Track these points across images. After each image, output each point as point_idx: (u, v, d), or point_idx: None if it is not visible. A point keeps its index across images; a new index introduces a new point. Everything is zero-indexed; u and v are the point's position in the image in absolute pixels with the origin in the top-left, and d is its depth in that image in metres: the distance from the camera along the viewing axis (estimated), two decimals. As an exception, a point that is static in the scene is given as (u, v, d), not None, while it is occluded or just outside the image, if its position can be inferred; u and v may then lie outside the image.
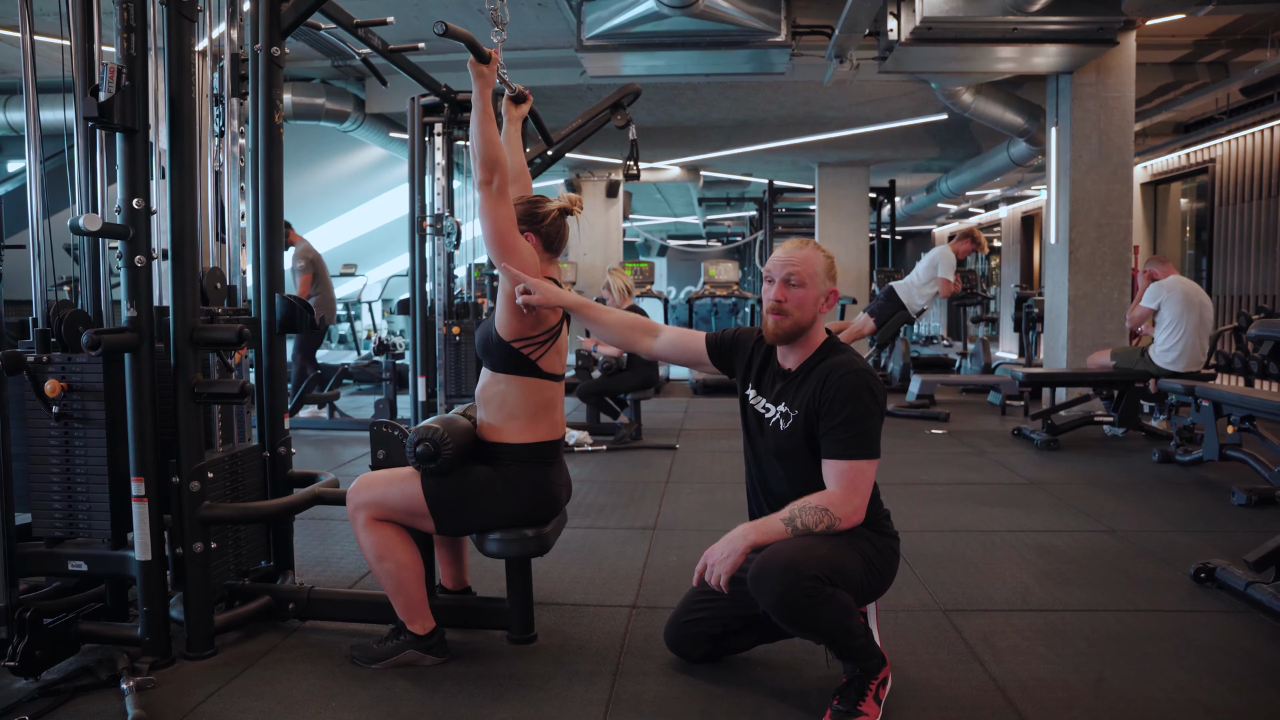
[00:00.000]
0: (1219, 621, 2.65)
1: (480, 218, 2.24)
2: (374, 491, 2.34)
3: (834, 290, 2.18)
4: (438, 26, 2.17)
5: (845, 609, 1.96)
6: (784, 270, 2.13)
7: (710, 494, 4.42)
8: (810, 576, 1.89)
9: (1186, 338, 5.43)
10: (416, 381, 5.22)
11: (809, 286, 2.12)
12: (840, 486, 2.04)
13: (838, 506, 2.02)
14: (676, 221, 18.85)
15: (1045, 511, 4.00)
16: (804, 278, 2.12)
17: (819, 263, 2.15)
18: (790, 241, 2.21)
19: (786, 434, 2.13)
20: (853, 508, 2.04)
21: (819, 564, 1.92)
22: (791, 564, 1.91)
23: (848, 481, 2.04)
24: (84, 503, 2.37)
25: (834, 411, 2.05)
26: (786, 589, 1.90)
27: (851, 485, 2.04)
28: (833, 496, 2.03)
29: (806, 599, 1.90)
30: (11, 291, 6.09)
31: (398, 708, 2.14)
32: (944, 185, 11.65)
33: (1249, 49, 6.72)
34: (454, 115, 5.21)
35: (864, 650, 2.02)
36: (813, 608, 1.91)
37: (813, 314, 2.14)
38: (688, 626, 2.33)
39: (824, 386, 2.07)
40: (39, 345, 2.40)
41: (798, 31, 5.84)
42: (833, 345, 2.18)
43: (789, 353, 2.20)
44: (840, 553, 1.99)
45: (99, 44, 2.50)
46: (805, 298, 2.12)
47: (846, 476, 2.04)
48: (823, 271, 2.15)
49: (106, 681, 2.21)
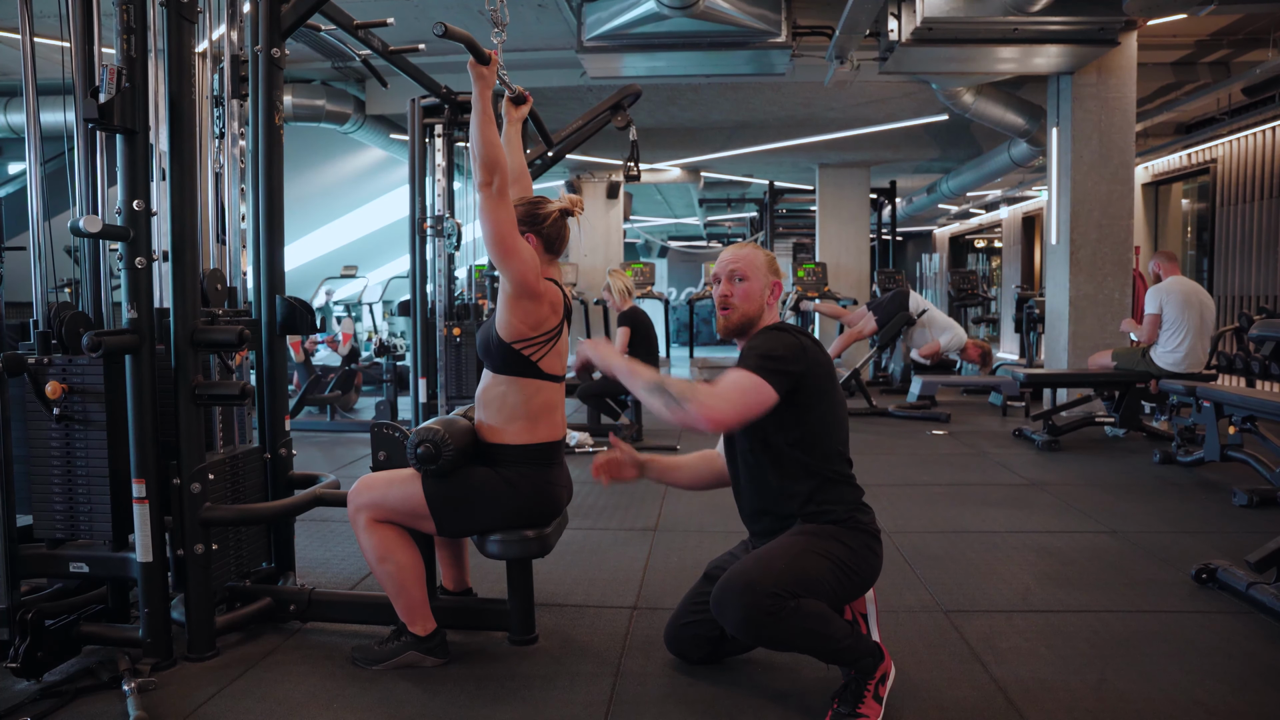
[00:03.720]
0: (1220, 622, 2.65)
1: (480, 219, 2.24)
2: (375, 493, 2.34)
3: (777, 283, 2.29)
4: (437, 28, 2.17)
5: (816, 616, 1.96)
6: (727, 268, 2.27)
7: (711, 495, 4.39)
8: (769, 594, 1.91)
9: (1189, 339, 5.42)
10: (417, 383, 5.22)
11: (751, 279, 2.24)
12: (719, 383, 2.05)
13: (704, 393, 2.01)
14: (677, 223, 18.84)
15: (1046, 512, 4.00)
16: (746, 272, 2.24)
17: (759, 258, 2.27)
18: (731, 246, 2.36)
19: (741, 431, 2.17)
20: (713, 404, 1.99)
21: (777, 579, 1.94)
22: (748, 585, 1.93)
23: (726, 382, 2.05)
24: (85, 504, 2.37)
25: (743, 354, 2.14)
26: (746, 609, 1.92)
27: (727, 385, 2.04)
28: (706, 386, 2.04)
29: (768, 617, 1.91)
30: (12, 293, 6.10)
31: (399, 709, 2.14)
32: (945, 186, 11.65)
33: (1250, 49, 6.72)
34: (454, 116, 5.21)
35: (850, 651, 2.01)
36: (776, 624, 1.92)
37: (759, 305, 2.25)
38: (687, 629, 2.33)
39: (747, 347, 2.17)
40: (40, 347, 2.40)
41: (798, 32, 5.84)
42: (776, 325, 2.24)
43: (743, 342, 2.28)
44: (802, 562, 2.00)
45: (99, 46, 2.51)
46: (749, 290, 2.24)
47: (728, 378, 2.06)
48: (763, 266, 2.27)
49: (108, 683, 2.21)
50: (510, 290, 2.31)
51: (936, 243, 18.71)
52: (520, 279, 2.27)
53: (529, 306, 2.33)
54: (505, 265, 2.26)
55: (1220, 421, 4.16)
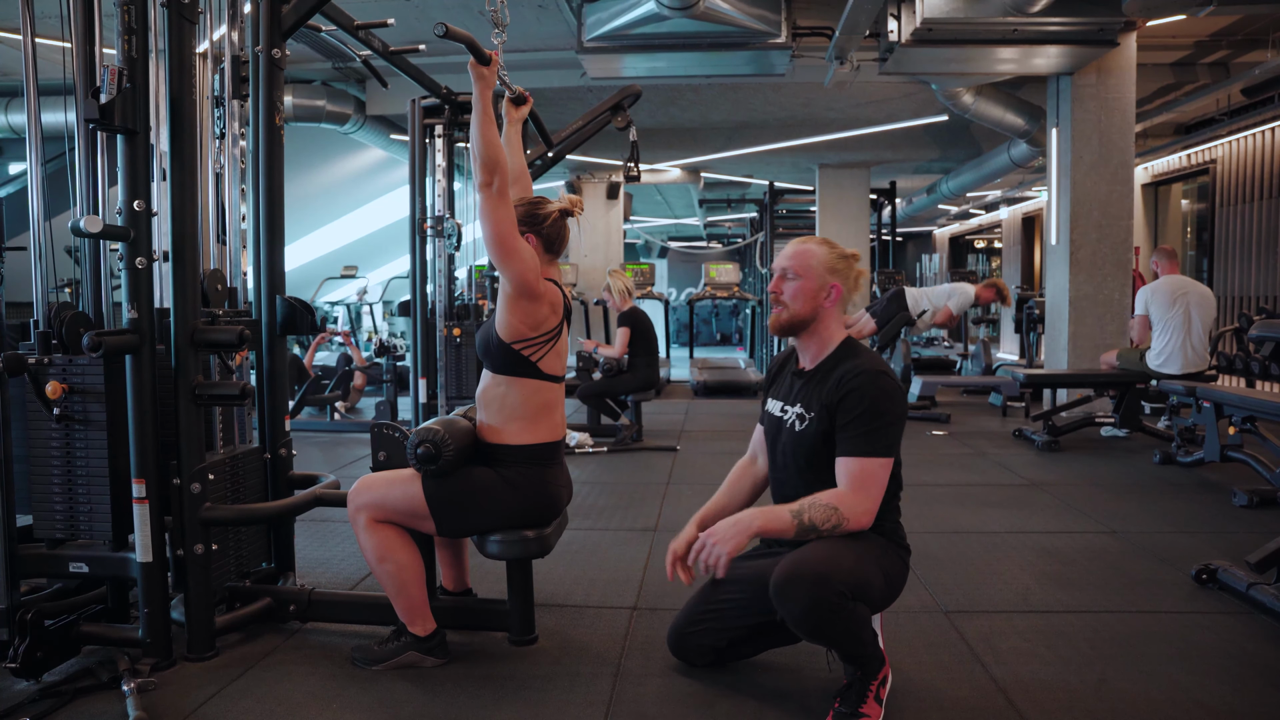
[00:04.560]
0: (1220, 623, 2.65)
1: (480, 219, 2.24)
2: (375, 493, 2.34)
3: (836, 285, 2.16)
4: (438, 28, 2.17)
5: (861, 621, 1.96)
6: (781, 264, 2.21)
7: (711, 495, 4.40)
8: (837, 592, 1.89)
9: (1173, 339, 5.36)
10: (417, 383, 5.22)
11: (804, 278, 2.15)
12: (850, 485, 2.02)
13: (847, 506, 2.00)
14: (677, 223, 18.85)
15: (1046, 513, 4.00)
16: (799, 270, 2.16)
17: (816, 257, 2.16)
18: (796, 239, 2.27)
19: (801, 435, 2.13)
20: (862, 509, 2.00)
21: (846, 579, 1.91)
22: (820, 578, 1.89)
23: (857, 481, 2.02)
24: (85, 504, 2.37)
25: (848, 409, 2.03)
26: (813, 603, 1.89)
27: (861, 484, 2.01)
28: (842, 496, 2.02)
29: (831, 613, 1.90)
30: (13, 293, 6.10)
31: (399, 709, 2.14)
32: (945, 186, 11.66)
33: (1250, 50, 6.72)
34: (454, 117, 5.21)
35: (870, 657, 2.02)
36: (834, 621, 1.91)
37: (811, 307, 2.15)
38: (694, 637, 2.31)
39: (839, 385, 2.06)
40: (40, 347, 2.40)
41: (798, 33, 5.85)
42: (851, 347, 2.17)
43: (805, 351, 2.22)
44: (864, 566, 1.98)
45: (100, 46, 2.51)
46: (799, 290, 2.15)
47: (856, 475, 2.02)
48: (820, 265, 2.16)
49: (107, 683, 2.21)
50: (510, 290, 2.31)
51: (936, 243, 18.72)
52: (520, 279, 2.28)
53: (529, 307, 2.33)
54: (505, 265, 2.26)
55: (1220, 422, 4.16)
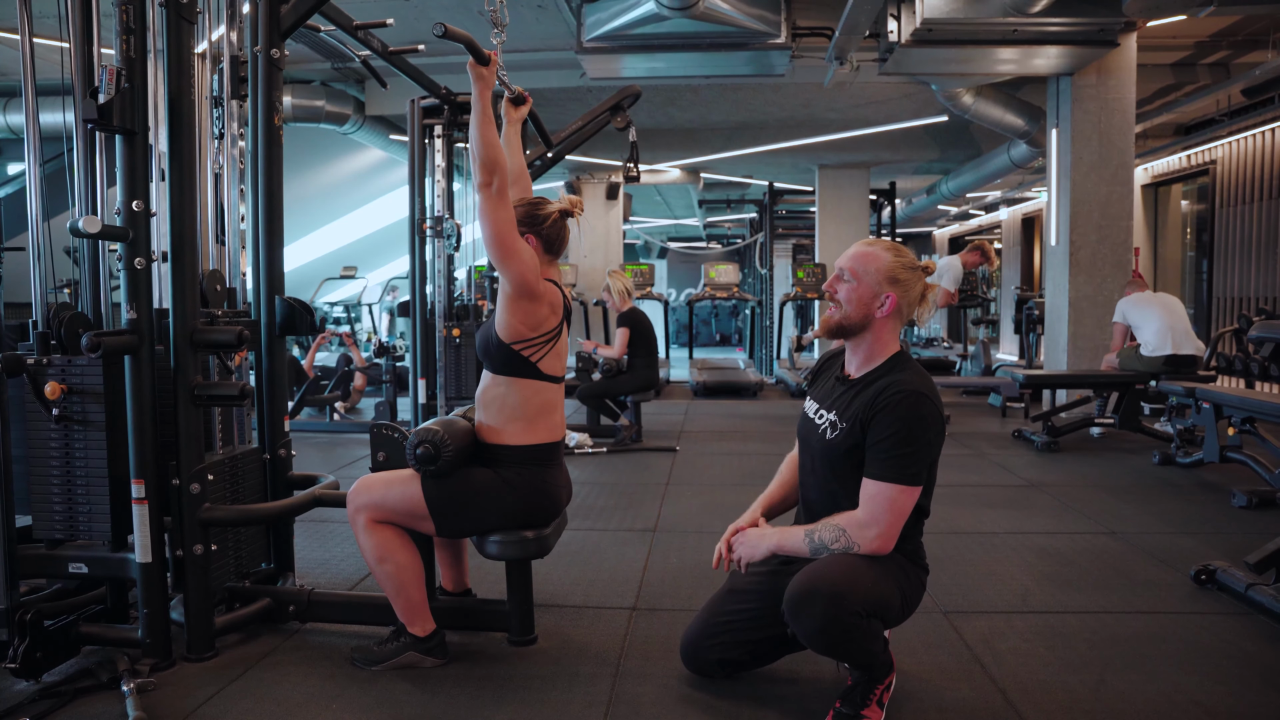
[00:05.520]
0: (1220, 623, 2.65)
1: (480, 220, 2.24)
2: (374, 493, 2.34)
3: (892, 296, 2.05)
4: (437, 28, 2.17)
5: (876, 637, 1.96)
6: (840, 262, 2.12)
7: (710, 496, 4.42)
8: (852, 612, 1.87)
9: (1159, 325, 5.54)
10: (417, 384, 5.22)
11: (859, 282, 2.06)
12: (866, 509, 1.97)
13: (857, 530, 1.96)
14: (677, 224, 18.86)
15: (1045, 513, 4.00)
16: (855, 273, 2.07)
17: (876, 263, 2.06)
18: (863, 240, 2.18)
19: (831, 444, 2.07)
20: (875, 533, 1.95)
21: (863, 598, 1.89)
22: (836, 597, 1.86)
23: (875, 505, 1.96)
24: (84, 505, 2.37)
25: (880, 428, 1.97)
26: (830, 620, 1.87)
27: (878, 509, 1.96)
28: (856, 518, 1.98)
29: (845, 633, 1.89)
30: (11, 294, 6.10)
31: (398, 710, 2.14)
32: (944, 187, 11.66)
33: (1250, 50, 6.72)
34: (454, 117, 5.22)
35: (880, 664, 2.02)
36: (848, 639, 1.91)
37: (863, 313, 2.06)
38: (713, 651, 2.23)
39: (875, 401, 1.99)
40: (39, 347, 2.40)
41: (798, 33, 5.85)
42: (901, 361, 2.08)
43: (853, 359, 2.14)
44: (883, 585, 1.95)
45: (98, 46, 2.51)
46: (852, 293, 2.07)
47: (875, 499, 1.96)
48: (879, 272, 2.05)
49: (107, 683, 2.20)
50: (510, 291, 2.31)
51: (936, 244, 18.71)
52: (520, 280, 2.28)
53: (528, 307, 2.33)
54: (505, 266, 2.26)
55: (1219, 423, 4.16)
